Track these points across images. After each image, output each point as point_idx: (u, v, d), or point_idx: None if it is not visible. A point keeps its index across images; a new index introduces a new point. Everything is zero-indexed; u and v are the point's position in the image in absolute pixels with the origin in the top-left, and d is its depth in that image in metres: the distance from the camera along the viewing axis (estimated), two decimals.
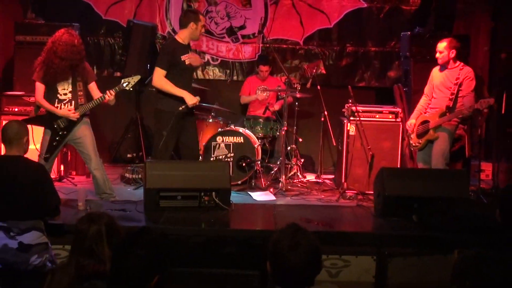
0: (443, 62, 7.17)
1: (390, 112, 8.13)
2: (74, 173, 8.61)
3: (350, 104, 7.95)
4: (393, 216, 6.14)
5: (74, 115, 6.64)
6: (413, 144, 7.39)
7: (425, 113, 7.36)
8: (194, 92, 8.58)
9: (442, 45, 7.17)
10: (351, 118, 7.93)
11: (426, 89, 7.46)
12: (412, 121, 7.43)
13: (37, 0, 9.18)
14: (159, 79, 7.01)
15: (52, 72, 6.57)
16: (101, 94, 6.75)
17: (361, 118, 7.89)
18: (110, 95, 6.66)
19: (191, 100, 6.97)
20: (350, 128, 7.94)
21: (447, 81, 7.17)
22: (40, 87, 6.65)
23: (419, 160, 7.44)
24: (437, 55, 7.21)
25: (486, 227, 5.53)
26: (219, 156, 8.06)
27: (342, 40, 9.53)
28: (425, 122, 7.25)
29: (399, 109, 8.18)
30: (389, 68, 9.51)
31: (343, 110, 8.15)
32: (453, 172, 6.80)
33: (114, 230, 3.61)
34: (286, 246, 3.18)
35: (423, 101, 7.48)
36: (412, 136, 7.40)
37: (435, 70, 7.36)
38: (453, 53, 7.10)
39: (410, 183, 6.27)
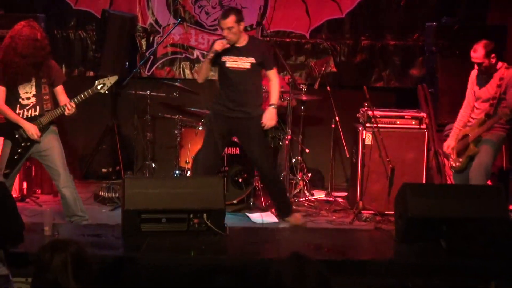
0: (487, 71, 7.00)
1: (413, 117, 8.15)
2: (39, 191, 8.61)
3: (365, 108, 7.97)
4: (418, 241, 6.11)
5: (35, 136, 6.63)
6: (453, 165, 7.28)
7: (468, 125, 7.23)
8: (181, 94, 8.67)
9: (478, 54, 6.95)
10: (367, 125, 7.95)
11: (467, 96, 7.30)
12: (450, 143, 7.33)
13: None
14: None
15: (12, 72, 6.55)
16: (68, 100, 6.72)
17: (379, 125, 7.90)
18: (70, 108, 6.64)
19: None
20: (366, 137, 7.95)
21: (488, 85, 7.04)
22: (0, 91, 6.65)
23: (457, 183, 7.33)
24: (477, 62, 7.00)
25: None
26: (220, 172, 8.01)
27: (355, 32, 9.56)
28: (465, 136, 7.15)
29: (423, 114, 8.19)
30: (412, 65, 9.54)
31: (357, 115, 8.17)
32: (489, 188, 6.77)
33: (82, 260, 3.58)
34: (290, 278, 3.17)
35: (463, 112, 7.30)
36: (451, 156, 7.31)
37: (475, 74, 7.20)
38: (494, 58, 6.97)
39: (437, 201, 6.24)
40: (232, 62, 7.14)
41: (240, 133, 7.42)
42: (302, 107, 8.51)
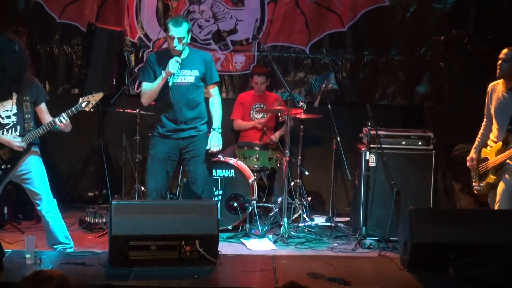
0: (504, 75, 6.77)
1: (420, 138, 8.14)
2: (21, 216, 8.61)
3: (369, 128, 7.97)
4: (425, 270, 6.14)
5: (18, 145, 6.62)
6: (476, 187, 7.15)
7: (487, 147, 7.04)
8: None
9: (508, 54, 6.76)
10: (371, 145, 7.95)
11: (486, 112, 7.12)
12: (473, 155, 7.18)
13: None
14: None
15: None
16: (51, 118, 6.72)
17: (384, 145, 7.92)
18: (63, 122, 6.63)
19: None
20: (370, 158, 7.95)
21: (506, 106, 6.82)
22: None
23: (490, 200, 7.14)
24: (504, 59, 6.76)
25: None
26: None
27: (358, 46, 9.62)
28: (485, 159, 7.01)
29: (431, 133, 8.17)
30: (418, 82, 9.57)
31: (360, 135, 8.19)
32: (501, 212, 6.77)
33: None
34: None
35: (484, 128, 7.14)
36: (475, 176, 7.16)
37: (493, 88, 6.97)
38: None
39: (445, 227, 6.27)
40: (175, 76, 7.19)
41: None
42: (302, 127, 8.53)
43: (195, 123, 7.34)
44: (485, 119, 7.13)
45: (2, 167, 6.69)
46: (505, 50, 6.79)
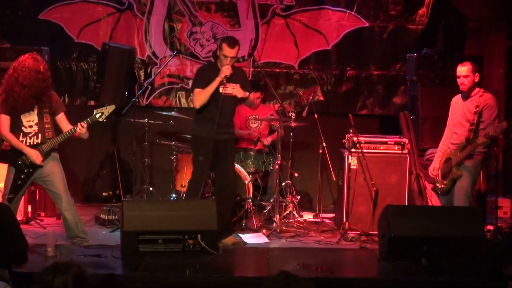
0: (468, 88, 7.01)
1: (396, 143, 8.16)
2: (43, 214, 8.59)
3: (351, 134, 7.99)
4: (400, 260, 6.15)
5: (37, 160, 6.63)
6: (438, 187, 7.27)
7: (448, 150, 7.26)
8: (177, 122, 8.71)
9: (464, 68, 7.03)
10: (353, 150, 7.96)
11: (448, 122, 7.35)
12: (435, 166, 7.33)
13: (2, 22, 9.30)
14: None
15: (12, 100, 6.55)
16: (71, 127, 6.73)
17: (364, 150, 7.92)
18: (81, 128, 6.63)
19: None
20: (352, 161, 7.96)
21: (467, 112, 7.06)
22: (4, 119, 6.62)
23: (443, 204, 7.31)
24: (461, 80, 7.04)
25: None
26: (205, 193, 8.02)
27: (341, 63, 9.62)
28: (448, 159, 7.15)
29: (405, 140, 8.21)
30: (394, 94, 9.59)
31: (343, 141, 8.17)
32: (466, 209, 6.79)
33: (83, 282, 3.58)
34: None
35: (445, 137, 7.36)
36: (437, 179, 7.30)
37: (457, 100, 7.24)
38: (477, 77, 7.03)
39: (418, 222, 6.29)
40: (225, 87, 7.16)
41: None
42: (291, 134, 8.50)
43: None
44: (445, 131, 7.33)
45: (25, 171, 6.70)
46: (463, 68, 6.96)
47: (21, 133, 6.66)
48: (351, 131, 8.00)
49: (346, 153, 8.05)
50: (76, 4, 9.40)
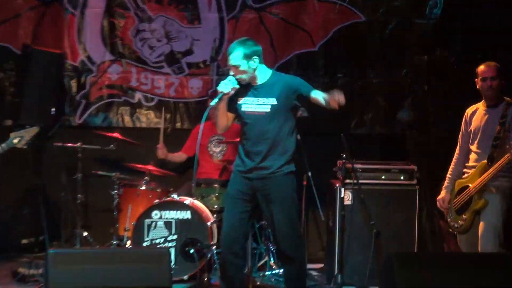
0: (496, 93, 6.91)
1: (402, 171, 8.19)
2: None
3: (344, 160, 7.97)
4: None
5: None
6: (455, 226, 7.12)
7: (462, 177, 7.16)
8: (120, 146, 8.68)
9: (492, 67, 6.94)
10: (347, 181, 7.96)
11: (461, 140, 7.23)
12: (445, 197, 7.23)
13: None
14: None
15: None
16: None
17: (361, 181, 7.91)
18: None
19: None
20: (345, 195, 7.95)
21: (490, 124, 6.93)
22: None
23: (465, 247, 7.14)
24: (487, 83, 6.89)
25: None
26: (155, 239, 8.02)
27: (331, 68, 9.65)
28: (465, 188, 7.01)
29: (414, 166, 8.23)
30: (399, 108, 9.60)
31: (334, 169, 8.22)
32: (497, 256, 6.74)
33: None
34: None
35: (457, 160, 7.25)
36: (450, 215, 7.19)
37: (474, 111, 7.12)
38: (503, 81, 6.93)
39: (432, 274, 6.22)
40: (251, 104, 6.90)
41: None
42: None
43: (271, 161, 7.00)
44: (457, 152, 7.22)
45: None
46: (489, 67, 6.91)
47: None
48: (344, 156, 7.98)
49: (338, 185, 8.04)
50: None
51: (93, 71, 9.48)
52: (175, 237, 8.08)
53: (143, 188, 8.49)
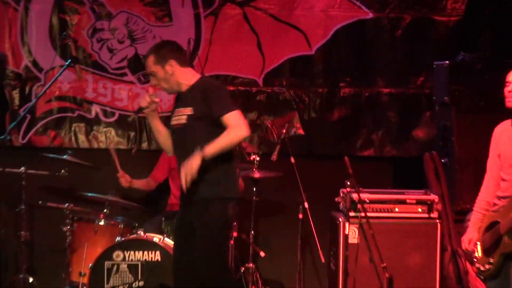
0: None
1: (420, 202, 8.20)
2: None
3: (348, 189, 7.98)
4: None
5: None
6: (481, 270, 7.15)
7: (492, 209, 7.08)
8: (73, 171, 8.62)
9: None
10: (352, 214, 7.98)
11: (490, 164, 7.11)
12: (472, 236, 7.11)
13: None
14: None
15: None
16: None
17: (369, 214, 7.92)
18: None
19: None
20: (350, 232, 7.96)
21: None
22: None
23: None
24: (505, 90, 6.82)
25: None
26: (117, 287, 7.96)
27: (331, 76, 9.66)
28: (494, 224, 6.91)
29: (434, 196, 8.24)
30: (415, 124, 9.64)
31: (336, 199, 8.23)
32: None
33: None
34: None
35: (486, 188, 7.11)
36: (476, 255, 7.10)
37: (504, 129, 6.98)
38: None
39: None
40: (174, 116, 6.94)
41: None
42: (254, 189, 8.46)
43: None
44: (485, 179, 7.09)
45: None
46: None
47: None
48: (348, 183, 8.02)
49: (341, 219, 8.07)
50: None
51: (40, 79, 9.43)
52: (141, 283, 8.02)
53: (102, 223, 8.40)
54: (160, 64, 6.77)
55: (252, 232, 8.57)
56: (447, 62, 8.74)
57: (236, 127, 6.66)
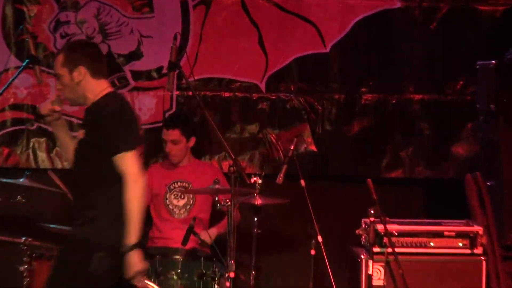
0: None
1: (460, 235, 8.20)
2: None
3: (372, 218, 7.85)
4: None
5: None
6: None
7: None
8: (30, 196, 8.55)
9: None
10: (376, 250, 7.93)
11: None
12: None
13: None
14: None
15: None
16: None
17: (398, 249, 7.86)
18: None
19: None
20: (375, 272, 7.89)
21: None
22: None
23: None
24: None
25: None
26: None
27: (350, 79, 9.64)
28: None
29: (479, 228, 8.19)
30: (454, 138, 9.59)
31: (357, 231, 8.15)
32: None
33: None
34: None
35: None
36: None
37: None
38: None
39: None
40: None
41: None
42: (255, 219, 8.34)
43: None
44: None
45: None
46: None
47: None
48: (371, 212, 7.86)
49: (363, 256, 8.05)
50: None
51: None
52: None
53: None
54: (67, 67, 6.67)
55: (253, 272, 8.47)
56: (493, 62, 8.71)
57: (129, 181, 6.50)
